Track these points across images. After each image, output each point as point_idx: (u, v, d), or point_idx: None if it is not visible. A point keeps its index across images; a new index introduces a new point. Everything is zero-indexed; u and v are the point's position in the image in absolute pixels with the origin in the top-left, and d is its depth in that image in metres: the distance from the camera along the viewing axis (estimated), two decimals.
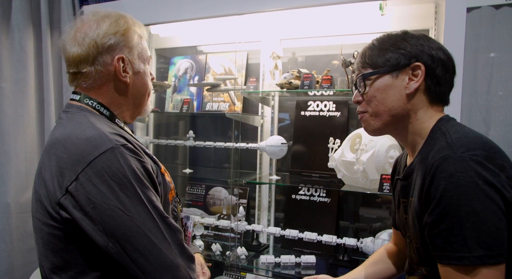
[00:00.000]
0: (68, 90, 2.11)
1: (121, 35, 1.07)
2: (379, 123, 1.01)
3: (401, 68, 0.97)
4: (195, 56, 2.43)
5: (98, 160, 0.90)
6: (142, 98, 1.16)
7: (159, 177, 1.05)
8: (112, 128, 1.00)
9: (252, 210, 2.32)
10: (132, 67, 1.10)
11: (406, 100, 0.97)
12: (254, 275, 2.05)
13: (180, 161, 2.62)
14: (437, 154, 0.86)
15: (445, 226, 0.81)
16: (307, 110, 2.17)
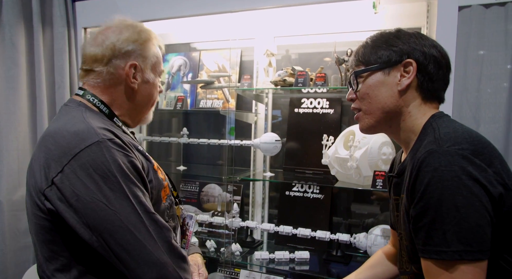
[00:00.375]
0: (60, 87, 2.10)
1: (140, 44, 1.14)
2: (373, 121, 1.03)
3: (393, 65, 0.98)
4: (189, 53, 2.43)
5: (83, 153, 0.92)
6: (145, 106, 1.20)
7: (150, 174, 1.06)
8: (104, 124, 1.02)
9: (246, 207, 2.34)
10: (143, 76, 1.15)
11: (398, 97, 0.98)
12: (248, 271, 2.07)
13: (173, 158, 2.62)
14: (423, 148, 0.87)
15: (427, 219, 0.81)
16: (301, 107, 2.18)
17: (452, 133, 0.87)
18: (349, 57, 1.90)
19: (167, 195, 1.14)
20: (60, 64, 2.11)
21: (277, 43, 2.20)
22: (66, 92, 2.10)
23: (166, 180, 1.16)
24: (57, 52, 2.11)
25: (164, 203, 1.11)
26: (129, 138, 1.10)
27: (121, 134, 1.06)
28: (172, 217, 1.16)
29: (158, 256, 0.94)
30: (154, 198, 1.06)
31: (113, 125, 1.09)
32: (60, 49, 2.11)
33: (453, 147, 0.82)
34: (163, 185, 1.11)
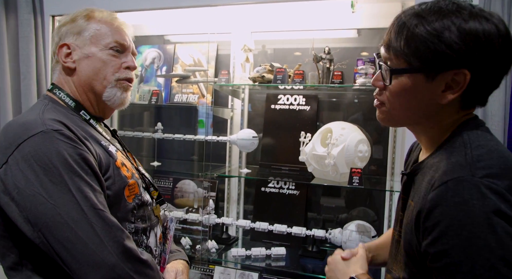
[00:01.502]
0: (26, 78, 1.99)
1: (70, 23, 1.11)
2: (394, 121, 0.91)
3: (441, 71, 0.77)
4: (163, 46, 2.36)
5: (26, 143, 0.89)
6: (94, 85, 1.10)
7: (110, 170, 1.01)
8: (62, 117, 0.99)
9: (221, 203, 2.32)
10: (81, 52, 1.09)
11: (434, 108, 0.82)
12: (223, 267, 2.05)
13: (145, 153, 2.55)
14: (451, 171, 0.73)
15: (451, 260, 0.69)
16: (277, 103, 2.18)
17: (486, 159, 0.73)
18: (327, 54, 1.92)
19: (136, 194, 1.07)
20: (26, 53, 1.99)
21: (254, 38, 2.18)
22: (32, 83, 1.99)
23: (135, 178, 1.09)
24: (23, 40, 2.00)
25: (130, 203, 1.05)
26: (92, 132, 1.06)
27: (83, 127, 1.03)
28: (142, 218, 1.09)
29: (103, 257, 0.87)
30: (112, 196, 1.00)
31: (79, 119, 1.07)
32: (25, 37, 1.99)
33: (487, 178, 0.69)
34: (127, 183, 1.04)
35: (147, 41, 2.41)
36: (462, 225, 0.68)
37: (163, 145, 2.46)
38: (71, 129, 0.95)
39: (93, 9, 1.14)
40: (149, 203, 1.15)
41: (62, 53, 1.09)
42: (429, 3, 0.79)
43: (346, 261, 1.05)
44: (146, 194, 1.15)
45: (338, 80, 1.85)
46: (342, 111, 2.15)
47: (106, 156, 1.03)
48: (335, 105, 2.17)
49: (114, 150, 1.09)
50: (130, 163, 1.14)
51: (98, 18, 1.12)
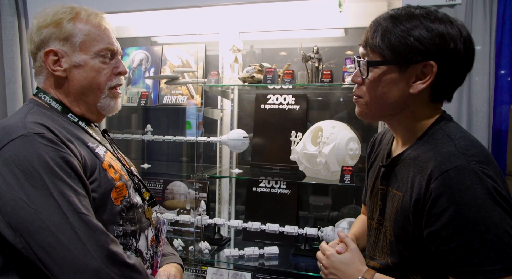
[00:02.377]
0: (12, 81, 1.95)
1: (53, 27, 1.03)
2: (371, 113, 0.96)
3: (411, 64, 0.86)
4: (150, 48, 2.34)
5: (6, 148, 0.87)
6: (88, 94, 1.08)
7: (96, 172, 0.99)
8: (43, 119, 0.96)
9: (212, 204, 2.31)
10: (70, 60, 1.05)
11: (407, 98, 0.90)
12: (216, 268, 2.05)
13: (134, 156, 2.53)
14: (448, 161, 0.82)
15: (462, 240, 0.77)
16: (267, 103, 2.19)
17: (471, 147, 0.84)
18: (315, 54, 1.94)
19: (123, 197, 1.05)
20: (10, 56, 1.96)
21: (242, 38, 2.18)
22: (17, 87, 1.96)
23: (123, 180, 1.07)
24: (6, 43, 1.96)
25: (117, 205, 1.02)
26: (79, 134, 1.04)
27: (69, 129, 1.01)
28: (131, 220, 1.07)
29: (87, 262, 0.85)
30: (98, 198, 0.98)
31: (66, 121, 1.04)
32: (9, 40, 1.96)
33: (480, 164, 0.79)
34: (114, 185, 1.02)
35: (134, 43, 2.39)
36: (469, 207, 0.77)
37: (152, 147, 2.44)
38: (53, 132, 0.93)
39: (76, 8, 1.08)
40: (139, 205, 1.13)
41: (50, 60, 1.04)
42: (401, 8, 0.91)
43: (344, 261, 1.03)
44: (137, 196, 1.13)
45: (328, 79, 1.86)
46: (331, 110, 2.17)
47: (92, 158, 1.01)
48: (325, 104, 2.19)
49: (103, 151, 1.07)
50: (120, 164, 1.12)
51: (84, 19, 1.06)
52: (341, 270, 1.02)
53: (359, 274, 0.99)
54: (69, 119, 1.06)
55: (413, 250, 0.90)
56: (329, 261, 1.05)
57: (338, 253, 1.05)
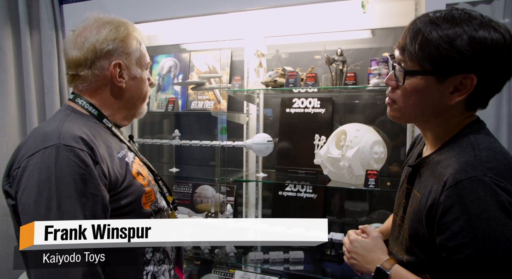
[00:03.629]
0: (50, 91, 2.08)
1: (120, 41, 1.11)
2: (403, 118, 0.96)
3: (450, 75, 0.84)
4: (179, 55, 2.42)
5: (37, 154, 0.94)
6: (136, 102, 1.19)
7: (126, 180, 1.04)
8: (85, 128, 1.02)
9: (240, 207, 2.34)
10: (129, 73, 1.14)
11: (442, 108, 0.89)
12: (243, 271, 2.07)
13: (165, 160, 2.61)
14: (464, 171, 0.81)
15: (472, 251, 0.77)
16: (292, 107, 2.18)
17: (493, 159, 0.82)
18: (339, 56, 1.91)
19: (152, 201, 1.11)
20: (49, 67, 2.09)
21: (267, 43, 2.19)
22: (55, 96, 2.09)
23: (151, 185, 1.13)
24: (46, 55, 2.10)
25: (147, 210, 1.09)
26: (112, 141, 1.09)
27: (103, 136, 1.07)
28: None
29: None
30: (130, 203, 1.04)
31: (101, 127, 1.10)
32: (48, 52, 2.09)
33: (496, 178, 0.78)
34: (144, 191, 1.08)
35: (164, 51, 2.47)
36: (480, 219, 0.76)
37: (183, 151, 2.51)
38: (91, 146, 0.98)
39: (129, 23, 1.16)
40: (165, 209, 1.19)
41: (116, 71, 1.11)
42: (443, 11, 0.87)
43: (366, 247, 1.07)
44: (162, 200, 1.19)
45: (351, 82, 1.83)
46: (358, 113, 2.13)
47: (122, 167, 1.06)
48: (351, 107, 2.16)
49: (132, 158, 1.13)
50: (147, 170, 1.18)
51: (139, 36, 1.17)
52: (362, 255, 1.06)
53: (379, 262, 1.01)
54: (104, 125, 1.13)
55: (424, 251, 0.91)
56: (352, 246, 1.09)
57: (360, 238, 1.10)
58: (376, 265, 0.99)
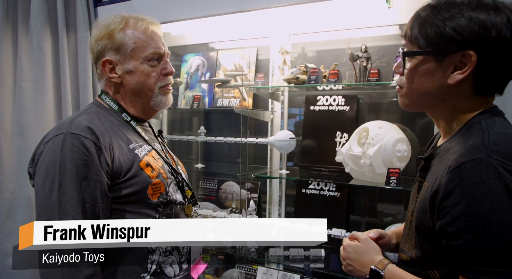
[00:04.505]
0: (84, 88, 2.20)
1: (107, 38, 1.16)
2: (410, 103, 0.94)
3: (448, 54, 0.83)
4: (207, 53, 2.47)
5: (50, 141, 1.04)
6: (141, 95, 1.20)
7: (132, 170, 1.09)
8: (94, 121, 1.09)
9: (264, 204, 2.35)
10: (122, 67, 1.17)
11: (445, 89, 0.86)
12: (266, 268, 2.09)
13: (194, 156, 2.68)
14: (468, 153, 0.77)
15: (471, 236, 0.74)
16: (317, 104, 2.17)
17: (503, 144, 0.78)
18: (363, 53, 1.88)
19: (160, 193, 1.14)
20: (83, 66, 2.20)
21: (293, 41, 2.20)
22: (89, 93, 2.20)
23: (161, 178, 1.16)
24: (81, 55, 2.22)
25: (153, 201, 1.12)
26: (128, 134, 1.15)
27: (117, 129, 1.13)
28: (168, 215, 1.16)
29: None
30: (135, 192, 1.09)
31: (120, 120, 1.18)
32: (83, 52, 2.21)
33: (502, 160, 0.74)
34: (150, 182, 1.11)
35: (192, 50, 2.53)
36: (481, 203, 0.73)
37: (211, 148, 2.57)
38: (97, 136, 1.05)
39: (126, 17, 1.19)
40: (178, 202, 1.21)
41: (107, 68, 1.17)
42: None
43: (359, 251, 1.04)
44: (178, 193, 1.22)
45: (375, 78, 1.80)
46: (382, 110, 2.09)
47: (130, 158, 1.11)
48: (376, 104, 2.11)
49: (146, 150, 1.17)
50: (162, 162, 1.21)
51: (132, 26, 1.17)
52: (356, 259, 1.03)
53: (373, 263, 0.98)
54: (122, 119, 1.19)
55: (430, 243, 0.88)
56: (345, 252, 1.06)
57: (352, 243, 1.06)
58: (370, 266, 0.97)
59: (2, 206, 2.09)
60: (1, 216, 2.08)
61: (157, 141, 1.31)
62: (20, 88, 2.09)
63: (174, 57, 2.61)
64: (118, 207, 1.08)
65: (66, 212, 0.99)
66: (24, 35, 2.12)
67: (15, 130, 2.10)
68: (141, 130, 1.22)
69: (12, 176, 2.10)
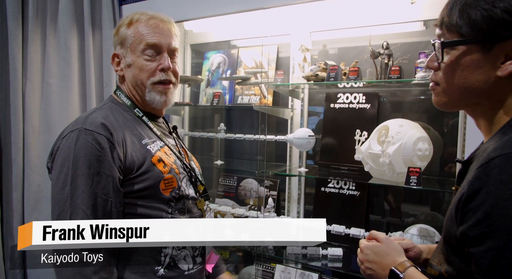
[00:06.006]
0: (108, 85, 2.25)
1: (116, 34, 1.21)
2: (450, 102, 0.82)
3: (498, 41, 0.72)
4: (228, 51, 2.48)
5: (66, 137, 1.07)
6: (137, 90, 1.20)
7: (144, 165, 1.10)
8: (108, 117, 1.12)
9: (282, 202, 2.35)
10: (125, 61, 1.20)
11: (494, 83, 0.74)
12: (284, 266, 2.08)
13: (215, 153, 2.70)
14: (500, 148, 0.68)
15: (494, 244, 0.64)
16: (337, 102, 2.15)
17: None
18: (385, 50, 1.85)
19: (173, 188, 1.15)
20: (108, 64, 2.26)
21: (314, 38, 2.18)
22: (112, 89, 2.24)
23: (173, 173, 1.16)
24: (106, 53, 2.27)
25: (166, 195, 1.13)
26: (140, 129, 1.17)
27: (130, 125, 1.15)
28: (180, 210, 1.17)
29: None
30: (147, 187, 1.11)
31: (132, 116, 1.20)
32: (108, 50, 2.26)
33: None
34: (162, 177, 1.13)
35: (214, 47, 2.56)
36: (509, 205, 0.62)
37: (231, 145, 2.58)
38: (110, 132, 1.07)
39: (135, 13, 1.20)
40: (191, 197, 1.22)
41: (115, 62, 1.23)
42: None
43: (379, 253, 0.94)
44: (190, 188, 1.23)
45: (396, 76, 1.76)
46: (405, 108, 2.04)
47: (142, 154, 1.13)
48: (398, 102, 2.07)
49: (158, 146, 1.18)
50: (174, 158, 1.22)
51: (135, 21, 1.18)
52: (376, 262, 0.93)
53: (394, 265, 0.89)
54: (134, 114, 1.20)
55: (458, 256, 0.77)
56: (363, 255, 0.96)
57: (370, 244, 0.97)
58: (390, 265, 0.89)
59: (30, 198, 2.17)
60: (28, 207, 2.16)
61: (170, 136, 1.32)
62: (47, 84, 2.16)
63: (195, 55, 2.64)
64: (130, 201, 1.10)
65: (77, 206, 1.01)
66: (52, 33, 2.19)
67: (42, 125, 2.18)
68: (153, 126, 1.23)
69: (39, 169, 2.18)
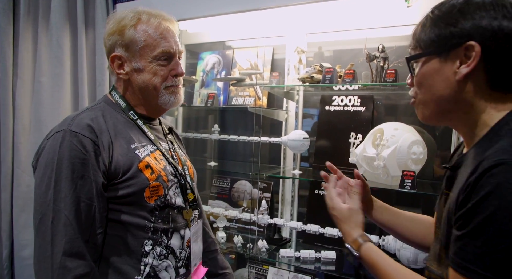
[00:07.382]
0: (101, 84, 2.23)
1: (118, 34, 1.12)
2: (428, 112, 0.89)
3: (451, 50, 0.80)
4: (223, 52, 2.47)
5: (51, 137, 1.03)
6: (148, 94, 1.16)
7: (130, 171, 1.06)
8: (97, 118, 1.08)
9: (276, 204, 2.33)
10: (131, 65, 1.13)
11: (456, 88, 0.81)
12: (276, 268, 2.07)
13: (208, 154, 2.68)
14: (494, 154, 0.71)
15: (471, 232, 0.69)
16: (332, 105, 2.14)
17: None
18: (380, 53, 1.84)
19: (158, 196, 1.11)
20: (101, 63, 2.23)
21: (309, 40, 2.18)
22: (105, 89, 2.23)
23: (160, 180, 1.11)
24: (99, 52, 2.24)
25: (150, 203, 1.09)
26: (132, 133, 1.12)
27: (121, 128, 1.11)
28: (164, 219, 1.13)
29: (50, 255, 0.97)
30: (131, 194, 1.06)
31: (126, 118, 1.15)
32: (101, 49, 2.23)
33: None
34: (147, 184, 1.08)
35: (209, 48, 2.54)
36: (492, 203, 0.67)
37: (225, 147, 2.56)
38: (96, 134, 1.04)
39: (140, 12, 1.14)
40: (177, 206, 1.16)
41: (115, 64, 1.14)
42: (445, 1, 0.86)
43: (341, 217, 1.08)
44: (178, 197, 1.17)
45: (391, 79, 1.76)
46: (399, 111, 2.04)
47: (130, 159, 1.07)
48: (392, 105, 2.07)
49: (148, 151, 1.13)
50: (165, 164, 1.16)
51: (145, 22, 1.12)
52: (338, 223, 1.10)
53: (349, 238, 1.01)
54: (128, 117, 1.16)
55: None
56: (331, 208, 1.14)
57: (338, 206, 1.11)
58: (346, 240, 0.99)
59: (18, 198, 2.13)
60: (17, 208, 2.13)
61: (165, 140, 1.27)
62: (38, 83, 2.13)
63: (190, 55, 2.62)
64: (114, 207, 1.06)
65: (59, 210, 0.98)
66: (44, 31, 2.16)
67: (32, 124, 2.15)
68: (148, 130, 1.19)
69: (28, 169, 2.14)
